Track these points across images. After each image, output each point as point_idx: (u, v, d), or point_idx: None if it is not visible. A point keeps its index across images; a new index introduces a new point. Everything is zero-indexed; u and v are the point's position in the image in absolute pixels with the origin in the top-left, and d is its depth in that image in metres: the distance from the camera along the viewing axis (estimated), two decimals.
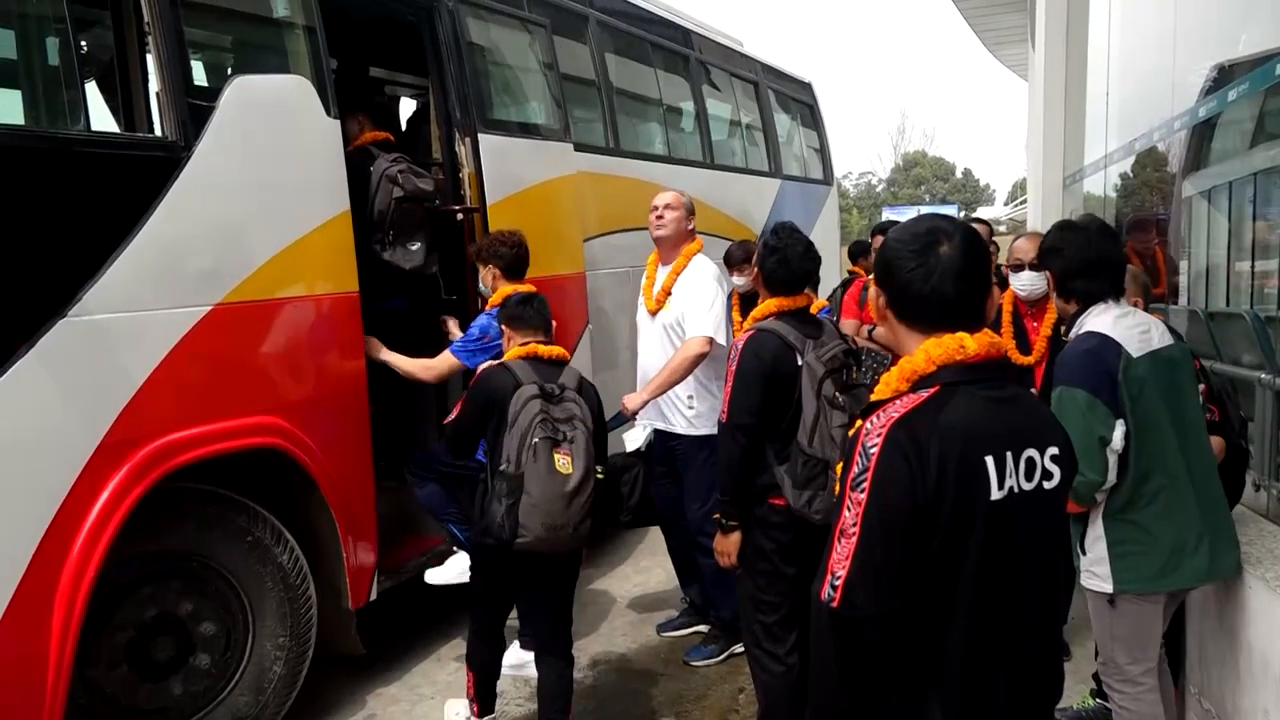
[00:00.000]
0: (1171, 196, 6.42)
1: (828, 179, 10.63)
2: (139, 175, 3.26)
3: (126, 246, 3.14)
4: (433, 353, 4.29)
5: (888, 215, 33.67)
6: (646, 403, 4.31)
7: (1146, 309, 3.48)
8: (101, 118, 3.70)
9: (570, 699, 3.63)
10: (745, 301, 5.49)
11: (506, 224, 4.85)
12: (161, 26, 3.33)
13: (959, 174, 58.09)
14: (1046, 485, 1.69)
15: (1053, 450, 1.71)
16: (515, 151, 5.11)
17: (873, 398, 1.73)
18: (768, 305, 3.37)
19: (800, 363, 3.20)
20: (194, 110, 3.40)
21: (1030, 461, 1.67)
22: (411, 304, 4.85)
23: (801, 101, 10.21)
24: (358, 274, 4.06)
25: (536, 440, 3.18)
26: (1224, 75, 5.02)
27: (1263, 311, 4.43)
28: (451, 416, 3.60)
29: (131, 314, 3.17)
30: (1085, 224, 3.13)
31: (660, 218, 4.54)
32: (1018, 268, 3.86)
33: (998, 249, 6.37)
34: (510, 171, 5.01)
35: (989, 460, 1.61)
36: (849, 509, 1.59)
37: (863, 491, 1.58)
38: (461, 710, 3.83)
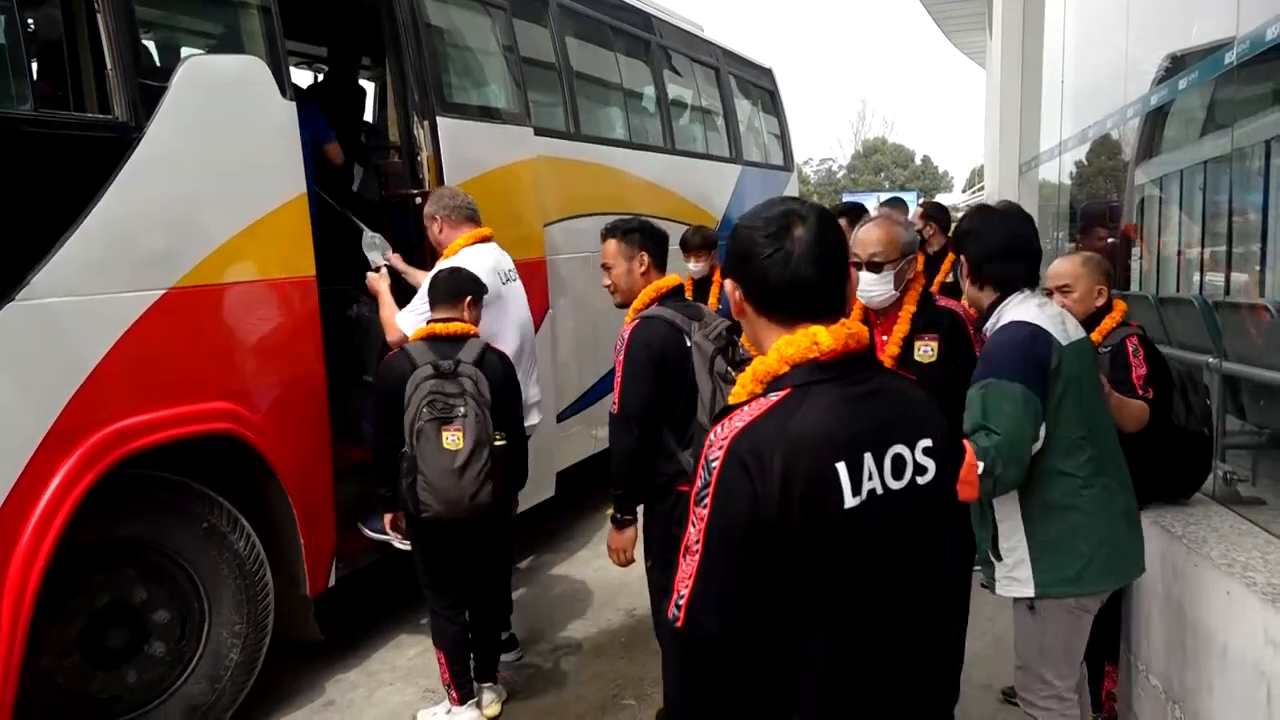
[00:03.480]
0: (1124, 184, 6.52)
1: (788, 165, 10.67)
2: (88, 156, 3.20)
3: (76, 229, 3.09)
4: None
5: (848, 201, 33.79)
6: None
7: (1110, 297, 3.45)
8: (50, 98, 3.62)
9: (499, 652, 4.05)
10: (697, 286, 5.52)
11: None
12: (112, 5, 3.26)
13: (918, 161, 58.48)
14: (920, 480, 1.58)
15: (924, 443, 1.59)
16: (475, 135, 5.08)
17: (729, 400, 1.61)
18: (646, 293, 3.36)
19: (689, 344, 3.20)
20: (145, 91, 3.34)
21: (898, 459, 1.55)
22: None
23: (762, 87, 10.23)
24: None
25: (422, 424, 3.42)
26: (1176, 64, 5.09)
27: (1210, 297, 4.51)
28: None
29: (81, 298, 3.12)
30: (1002, 209, 2.99)
31: None
32: (856, 266, 3.09)
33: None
34: (469, 155, 4.97)
35: (840, 467, 1.49)
36: (693, 525, 1.50)
37: (705, 507, 1.48)
38: (439, 712, 3.84)
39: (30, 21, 3.32)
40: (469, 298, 3.70)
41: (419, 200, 4.73)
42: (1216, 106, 4.69)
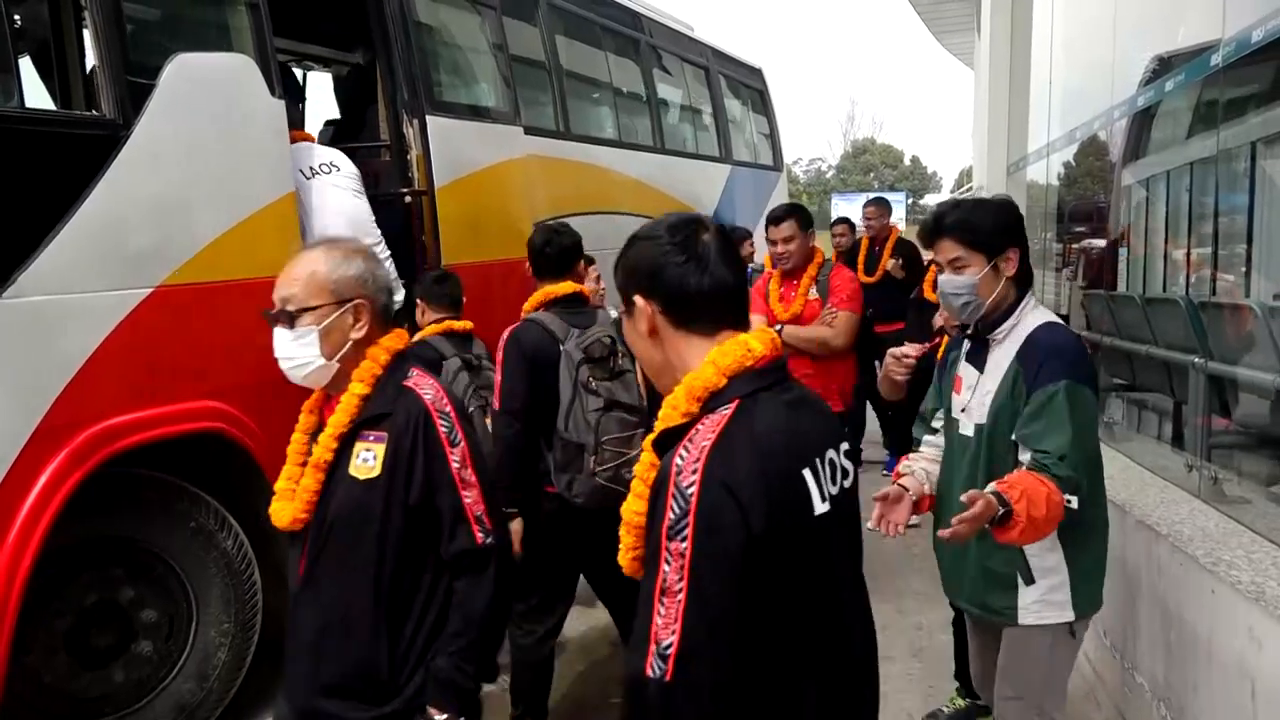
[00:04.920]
0: (1112, 185, 6.54)
1: (778, 165, 10.70)
2: (76, 154, 3.19)
3: (63, 227, 3.08)
4: None
5: (837, 202, 33.92)
6: None
7: None
8: (37, 95, 3.61)
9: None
10: None
11: (455, 207, 4.84)
12: (99, 2, 3.25)
13: (907, 161, 58.70)
14: (845, 484, 1.52)
15: (844, 445, 1.55)
16: (464, 134, 5.07)
17: (659, 426, 1.48)
18: (535, 297, 3.47)
19: (561, 350, 3.31)
20: (133, 88, 3.33)
21: (833, 463, 1.49)
22: None
23: (752, 87, 10.25)
24: None
25: (472, 410, 3.50)
26: (1164, 66, 5.11)
27: (1197, 297, 4.53)
28: None
29: (68, 296, 3.11)
30: (997, 200, 2.73)
31: None
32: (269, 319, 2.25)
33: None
34: (459, 154, 4.97)
35: (807, 474, 1.43)
36: (668, 562, 1.32)
37: (684, 540, 1.31)
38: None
39: (17, 18, 3.31)
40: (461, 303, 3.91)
41: (408, 199, 4.73)
42: (1202, 108, 4.71)
